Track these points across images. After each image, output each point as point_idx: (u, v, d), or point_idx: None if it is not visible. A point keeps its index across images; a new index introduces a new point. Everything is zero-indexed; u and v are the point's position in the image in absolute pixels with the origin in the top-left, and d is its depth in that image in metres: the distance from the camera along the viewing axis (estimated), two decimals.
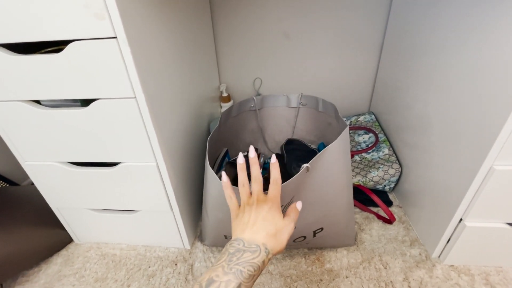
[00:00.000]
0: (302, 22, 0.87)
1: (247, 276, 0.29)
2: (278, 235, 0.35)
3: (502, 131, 0.41)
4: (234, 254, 0.31)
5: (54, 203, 0.64)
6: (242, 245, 0.32)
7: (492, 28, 0.43)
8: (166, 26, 0.53)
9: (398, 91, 0.77)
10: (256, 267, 0.30)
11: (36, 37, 0.40)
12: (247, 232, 0.34)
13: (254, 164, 0.39)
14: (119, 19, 0.38)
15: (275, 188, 0.38)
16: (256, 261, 0.30)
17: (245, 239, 0.33)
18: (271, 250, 0.33)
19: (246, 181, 0.39)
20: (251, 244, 0.32)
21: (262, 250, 0.32)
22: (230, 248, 0.32)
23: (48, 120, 0.49)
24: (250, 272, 0.29)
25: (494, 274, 0.57)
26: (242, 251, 0.31)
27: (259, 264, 0.30)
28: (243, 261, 0.30)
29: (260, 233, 0.34)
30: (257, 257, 0.31)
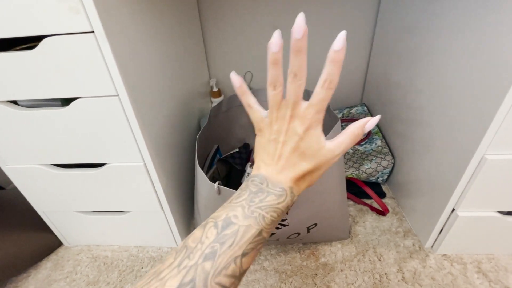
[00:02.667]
0: (292, 14, 0.85)
1: (269, 222, 0.24)
2: (310, 175, 0.27)
3: (494, 120, 0.41)
4: (257, 194, 0.25)
5: (40, 207, 0.62)
6: (265, 185, 0.26)
7: (485, 17, 0.42)
8: (149, 19, 0.50)
9: (390, 82, 0.76)
10: (279, 213, 0.25)
11: (5, 33, 0.38)
12: (271, 168, 0.27)
13: (299, 51, 0.25)
14: (95, 12, 0.35)
15: (325, 93, 0.25)
16: (281, 206, 0.25)
17: (270, 178, 0.26)
18: (297, 193, 0.27)
19: (278, 81, 0.27)
20: (276, 186, 0.26)
21: (289, 195, 0.26)
22: (252, 186, 0.26)
23: (27, 121, 0.47)
24: (273, 217, 0.24)
25: (486, 262, 0.58)
26: (266, 192, 0.25)
27: (283, 209, 0.25)
28: (266, 205, 0.24)
29: (287, 174, 0.26)
30: (282, 202, 0.25)
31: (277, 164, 0.26)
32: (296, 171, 0.26)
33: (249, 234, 0.22)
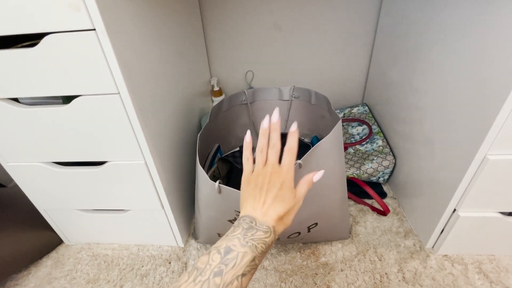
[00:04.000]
0: (294, 14, 0.85)
1: (260, 251, 0.30)
2: (286, 216, 0.35)
3: (496, 120, 0.41)
4: (248, 230, 0.32)
5: (41, 205, 0.62)
6: (254, 224, 0.33)
7: (486, 19, 0.42)
8: (150, 18, 0.50)
9: (391, 82, 0.76)
10: (267, 246, 0.31)
11: (7, 30, 0.37)
12: (258, 211, 0.34)
13: (275, 130, 0.37)
14: (96, 10, 0.35)
15: (290, 157, 0.36)
16: (268, 240, 0.32)
17: (257, 219, 0.33)
18: (278, 231, 0.34)
19: (265, 147, 0.37)
20: (263, 224, 0.33)
21: (272, 231, 0.33)
22: (244, 224, 0.33)
23: (28, 118, 0.47)
24: (263, 248, 0.31)
25: (487, 263, 0.58)
26: (255, 229, 0.32)
27: (270, 243, 0.32)
28: (257, 238, 0.31)
29: (271, 215, 0.34)
30: (268, 237, 0.32)
31: (263, 208, 0.34)
32: (277, 213, 0.34)
33: (246, 258, 0.29)
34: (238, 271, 0.28)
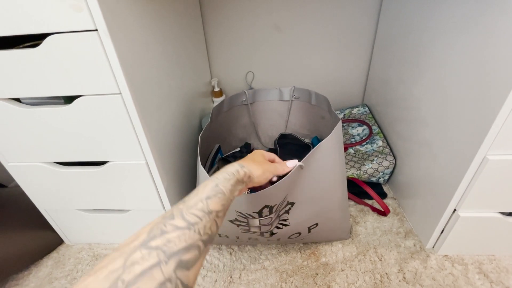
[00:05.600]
0: (294, 14, 0.85)
1: (223, 179, 0.31)
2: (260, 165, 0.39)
3: (496, 120, 0.41)
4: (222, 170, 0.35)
5: (42, 205, 0.62)
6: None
7: (485, 21, 0.42)
8: (152, 19, 0.51)
9: (391, 82, 0.76)
10: (230, 173, 0.33)
11: (9, 31, 0.38)
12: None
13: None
14: (98, 10, 0.36)
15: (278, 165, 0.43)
16: (232, 170, 0.33)
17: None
18: (248, 169, 0.36)
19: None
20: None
21: (238, 164, 0.35)
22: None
23: (29, 118, 0.47)
24: (225, 176, 0.32)
25: (487, 263, 0.58)
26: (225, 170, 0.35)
27: (233, 171, 0.33)
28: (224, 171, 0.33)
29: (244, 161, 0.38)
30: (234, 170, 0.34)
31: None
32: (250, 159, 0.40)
33: (209, 185, 0.30)
34: (201, 195, 0.28)
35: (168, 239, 0.22)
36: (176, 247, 0.22)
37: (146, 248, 0.21)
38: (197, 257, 0.23)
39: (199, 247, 0.23)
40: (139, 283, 0.19)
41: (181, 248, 0.22)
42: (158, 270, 0.20)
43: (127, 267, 0.19)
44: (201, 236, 0.24)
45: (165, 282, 0.19)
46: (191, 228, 0.23)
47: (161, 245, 0.21)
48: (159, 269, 0.20)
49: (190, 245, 0.22)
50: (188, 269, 0.21)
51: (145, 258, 0.20)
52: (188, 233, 0.23)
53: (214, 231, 0.26)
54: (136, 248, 0.21)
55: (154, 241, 0.21)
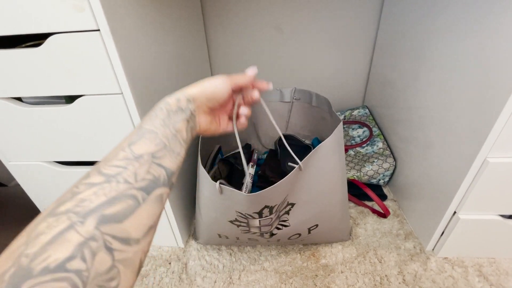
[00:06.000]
0: (295, 16, 0.85)
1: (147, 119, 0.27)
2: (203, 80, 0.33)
3: (496, 123, 0.41)
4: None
5: (42, 204, 0.62)
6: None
7: (487, 23, 0.42)
8: (154, 20, 0.51)
9: (392, 84, 0.76)
10: (156, 109, 0.28)
11: (12, 30, 0.38)
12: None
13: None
14: (101, 10, 0.36)
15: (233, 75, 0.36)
16: (157, 105, 0.29)
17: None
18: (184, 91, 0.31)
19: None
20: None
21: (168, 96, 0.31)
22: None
23: (31, 118, 0.47)
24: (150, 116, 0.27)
25: (487, 266, 0.58)
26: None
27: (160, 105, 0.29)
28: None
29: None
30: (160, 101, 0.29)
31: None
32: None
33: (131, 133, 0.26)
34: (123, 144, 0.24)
35: (81, 199, 0.19)
36: (93, 204, 0.19)
37: (52, 215, 0.18)
38: (132, 207, 0.20)
39: (133, 196, 0.20)
40: (50, 251, 0.16)
41: (100, 203, 0.19)
42: (71, 232, 0.17)
43: (31, 241, 0.16)
44: (134, 184, 0.21)
45: (85, 241, 0.17)
46: (111, 181, 0.20)
47: (71, 207, 0.18)
48: (73, 230, 0.17)
49: (113, 198, 0.19)
50: (120, 222, 0.19)
51: (52, 226, 0.17)
52: (108, 186, 0.20)
53: (157, 174, 0.23)
54: (40, 220, 0.18)
55: (63, 206, 0.18)
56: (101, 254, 0.17)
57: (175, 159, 0.25)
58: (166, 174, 0.24)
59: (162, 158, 0.24)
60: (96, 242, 0.17)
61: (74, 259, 0.16)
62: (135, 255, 0.19)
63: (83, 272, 0.16)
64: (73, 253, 0.16)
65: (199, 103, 0.31)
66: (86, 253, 0.17)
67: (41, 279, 0.15)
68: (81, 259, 0.16)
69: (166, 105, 0.29)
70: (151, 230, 0.21)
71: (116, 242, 0.18)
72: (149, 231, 0.21)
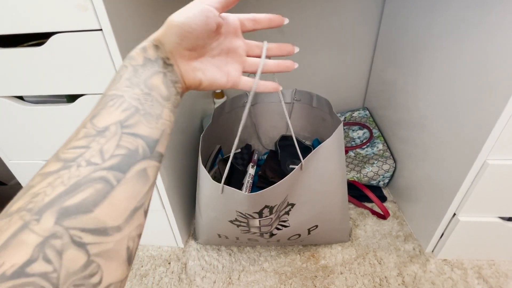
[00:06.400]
0: (297, 17, 0.86)
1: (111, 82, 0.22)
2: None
3: (496, 125, 0.41)
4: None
5: None
6: None
7: (487, 25, 0.43)
8: (155, 20, 0.51)
9: (392, 86, 0.77)
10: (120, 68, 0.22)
11: (15, 29, 0.38)
12: None
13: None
14: (104, 10, 0.36)
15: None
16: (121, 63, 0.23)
17: None
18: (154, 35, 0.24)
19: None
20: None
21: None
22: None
23: (32, 116, 0.47)
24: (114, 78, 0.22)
25: (486, 268, 0.58)
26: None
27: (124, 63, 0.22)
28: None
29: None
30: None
31: None
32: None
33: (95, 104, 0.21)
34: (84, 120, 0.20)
35: (34, 193, 0.16)
36: (48, 197, 0.16)
37: (4, 217, 0.16)
38: (101, 191, 0.17)
39: (102, 179, 0.17)
40: (4, 257, 0.14)
41: (57, 195, 0.16)
42: (26, 232, 0.15)
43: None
44: (100, 164, 0.17)
45: (45, 240, 0.15)
46: (71, 166, 0.17)
47: (23, 205, 0.16)
48: (28, 230, 0.15)
49: (74, 185, 0.16)
50: (89, 211, 0.16)
51: (3, 229, 0.15)
52: (66, 173, 0.16)
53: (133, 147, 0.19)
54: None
55: (16, 205, 0.16)
56: (70, 251, 0.15)
57: (156, 123, 0.20)
58: (146, 144, 0.19)
59: (136, 125, 0.19)
60: (60, 240, 0.15)
61: (35, 262, 0.14)
62: (118, 245, 0.17)
63: (50, 274, 0.14)
64: (32, 255, 0.14)
65: (170, 47, 0.23)
66: (49, 253, 0.15)
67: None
68: (44, 260, 0.14)
69: (131, 60, 0.22)
70: (136, 213, 0.18)
71: (87, 235, 0.16)
72: (133, 214, 0.18)
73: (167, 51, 0.24)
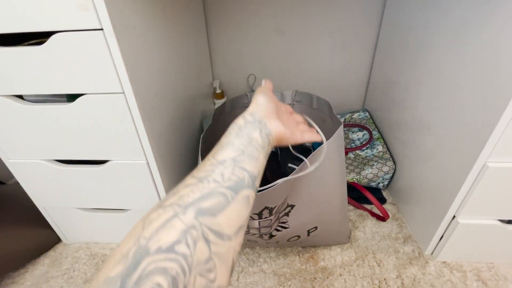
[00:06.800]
0: (297, 18, 0.86)
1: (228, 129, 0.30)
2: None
3: (496, 128, 0.41)
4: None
5: (41, 202, 0.62)
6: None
7: (487, 27, 0.43)
8: (156, 20, 0.51)
9: (392, 88, 0.77)
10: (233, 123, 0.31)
11: (15, 28, 0.38)
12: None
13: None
14: (105, 10, 0.36)
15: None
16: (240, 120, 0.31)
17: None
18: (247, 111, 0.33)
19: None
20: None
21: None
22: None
23: (31, 116, 0.47)
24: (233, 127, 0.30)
25: (485, 270, 0.58)
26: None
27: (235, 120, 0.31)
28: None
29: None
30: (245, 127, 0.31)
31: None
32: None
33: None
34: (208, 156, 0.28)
35: (181, 195, 0.22)
36: (191, 199, 0.22)
37: (161, 208, 0.21)
38: (222, 203, 0.22)
39: (222, 194, 0.23)
40: (160, 235, 0.19)
41: (196, 198, 0.22)
42: (177, 220, 0.20)
43: (146, 227, 0.20)
44: (221, 183, 0.24)
45: (188, 229, 0.20)
46: (203, 181, 0.24)
47: (174, 201, 0.22)
48: (178, 219, 0.20)
49: (206, 194, 0.22)
50: (214, 215, 0.21)
51: (161, 215, 0.20)
52: (200, 185, 0.23)
53: (241, 176, 0.25)
54: (152, 211, 0.22)
55: (168, 201, 0.22)
56: (200, 243, 0.20)
57: (255, 163, 0.27)
58: (249, 177, 0.26)
59: (243, 162, 0.26)
60: (196, 231, 0.20)
61: (180, 244, 0.19)
62: (228, 252, 0.21)
63: (188, 257, 0.19)
64: (179, 238, 0.19)
65: (262, 113, 0.33)
66: (189, 239, 0.19)
67: (156, 257, 0.18)
68: (186, 244, 0.19)
69: (235, 125, 0.31)
70: (241, 230, 0.23)
71: (211, 234, 0.21)
72: (239, 230, 0.23)
73: (259, 116, 0.32)
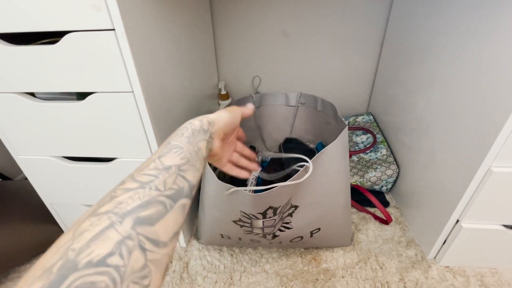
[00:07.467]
0: (302, 21, 0.87)
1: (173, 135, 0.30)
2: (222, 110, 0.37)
3: (501, 133, 0.41)
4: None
5: (48, 199, 0.63)
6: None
7: (493, 30, 0.43)
8: (165, 21, 0.52)
9: (397, 92, 0.77)
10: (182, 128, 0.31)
11: (30, 27, 0.39)
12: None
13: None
14: (117, 11, 0.37)
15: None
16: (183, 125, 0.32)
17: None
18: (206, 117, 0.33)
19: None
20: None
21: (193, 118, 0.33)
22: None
23: (42, 113, 0.48)
24: (176, 133, 0.30)
25: (489, 276, 0.57)
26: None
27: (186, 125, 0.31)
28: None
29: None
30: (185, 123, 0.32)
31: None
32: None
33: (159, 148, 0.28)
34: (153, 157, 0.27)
35: (119, 201, 0.21)
36: (130, 206, 0.20)
37: (95, 215, 0.20)
38: (161, 212, 0.22)
39: (162, 203, 0.22)
40: (92, 247, 0.18)
41: (136, 206, 0.21)
42: (112, 230, 0.19)
43: (76, 237, 0.18)
44: (163, 192, 0.23)
45: (123, 240, 0.19)
46: (145, 187, 0.22)
47: (111, 208, 0.20)
48: (113, 229, 0.19)
49: (147, 202, 0.21)
50: (152, 225, 0.21)
51: (94, 224, 0.19)
52: (142, 191, 0.22)
53: (181, 185, 0.25)
54: (84, 219, 0.20)
55: (104, 208, 0.20)
56: (136, 252, 0.19)
57: (196, 173, 0.27)
58: (189, 186, 0.26)
59: (186, 171, 0.26)
60: (132, 241, 0.19)
61: (114, 255, 0.18)
62: (163, 258, 0.21)
63: (121, 268, 0.18)
64: (113, 249, 0.18)
65: (217, 128, 0.34)
66: (124, 250, 0.18)
67: (85, 272, 0.17)
68: (119, 255, 0.18)
69: (191, 125, 0.31)
70: (175, 237, 0.23)
71: (148, 243, 0.20)
72: (173, 237, 0.22)
73: (214, 129, 0.33)
